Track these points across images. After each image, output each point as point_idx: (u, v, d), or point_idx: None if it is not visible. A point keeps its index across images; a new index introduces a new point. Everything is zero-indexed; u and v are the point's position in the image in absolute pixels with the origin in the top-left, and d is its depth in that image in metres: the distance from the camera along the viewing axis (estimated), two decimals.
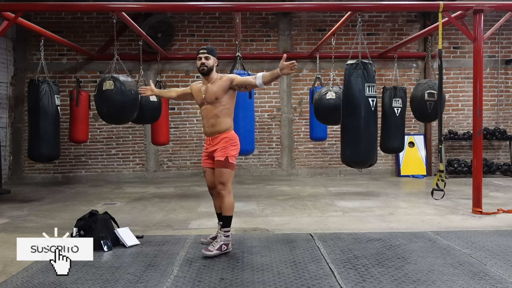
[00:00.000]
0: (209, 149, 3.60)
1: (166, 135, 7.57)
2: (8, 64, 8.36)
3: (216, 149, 3.53)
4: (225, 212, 3.50)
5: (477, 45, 5.26)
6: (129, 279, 2.97)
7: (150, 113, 6.51)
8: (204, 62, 3.50)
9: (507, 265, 3.19)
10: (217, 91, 3.49)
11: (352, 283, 2.85)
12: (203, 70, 3.52)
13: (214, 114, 3.51)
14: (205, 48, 3.53)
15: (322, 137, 7.60)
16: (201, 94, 3.59)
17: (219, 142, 3.53)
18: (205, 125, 3.59)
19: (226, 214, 3.51)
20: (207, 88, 3.54)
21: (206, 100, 3.55)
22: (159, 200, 6.28)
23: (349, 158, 5.18)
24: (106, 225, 3.82)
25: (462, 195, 6.36)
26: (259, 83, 3.50)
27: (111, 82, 5.29)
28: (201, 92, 3.59)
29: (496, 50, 8.93)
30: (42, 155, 6.11)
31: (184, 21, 8.74)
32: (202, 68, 3.51)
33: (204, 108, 3.59)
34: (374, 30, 8.85)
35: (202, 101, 3.59)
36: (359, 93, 4.95)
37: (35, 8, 6.60)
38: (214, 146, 3.55)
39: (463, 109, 8.95)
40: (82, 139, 7.23)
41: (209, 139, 3.59)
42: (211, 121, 3.53)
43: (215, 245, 3.46)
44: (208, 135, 3.59)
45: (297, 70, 8.79)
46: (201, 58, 3.50)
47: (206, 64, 3.50)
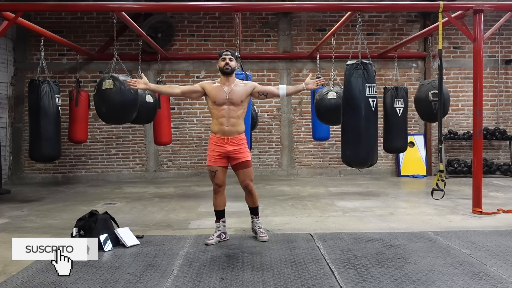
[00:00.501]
0: (227, 148, 3.72)
1: (168, 135, 7.58)
2: (8, 64, 8.36)
3: (237, 150, 3.75)
4: (256, 203, 3.95)
5: (477, 45, 5.26)
6: (129, 279, 2.97)
7: (146, 113, 6.53)
8: (228, 63, 3.71)
9: (507, 265, 3.19)
10: (242, 95, 3.75)
11: (352, 283, 2.85)
12: (227, 70, 3.72)
13: (236, 115, 3.74)
14: (229, 51, 3.79)
15: (325, 137, 7.59)
16: (223, 94, 3.71)
17: (240, 143, 3.77)
18: (224, 124, 3.70)
19: (257, 204, 3.97)
20: (231, 90, 3.72)
21: (229, 101, 3.71)
22: (159, 200, 6.28)
23: (349, 158, 5.18)
24: (106, 225, 3.81)
25: (462, 195, 6.36)
26: (282, 93, 3.86)
27: (110, 82, 5.28)
28: (223, 92, 3.71)
29: (496, 50, 8.93)
30: (43, 155, 6.11)
31: (184, 21, 8.74)
32: (226, 68, 3.71)
33: (224, 108, 3.71)
34: (374, 30, 8.85)
35: (224, 101, 3.71)
36: (359, 93, 4.95)
37: (35, 8, 6.60)
38: (234, 146, 3.74)
39: (463, 109, 8.95)
40: (81, 139, 7.22)
41: (227, 138, 3.72)
42: (232, 121, 3.71)
43: (263, 230, 3.97)
44: (226, 134, 3.72)
45: (297, 70, 8.83)
46: (225, 59, 3.72)
47: (230, 65, 3.72)
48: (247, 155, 3.80)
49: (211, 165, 3.80)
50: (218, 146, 3.76)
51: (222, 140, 3.73)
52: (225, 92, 3.71)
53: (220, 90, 3.73)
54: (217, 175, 3.78)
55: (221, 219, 3.94)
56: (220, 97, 3.70)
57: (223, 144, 3.73)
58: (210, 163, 3.80)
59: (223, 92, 3.71)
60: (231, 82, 3.76)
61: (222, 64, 3.72)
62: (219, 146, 3.75)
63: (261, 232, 3.93)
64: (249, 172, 3.80)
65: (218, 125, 3.74)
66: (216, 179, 3.80)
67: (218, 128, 3.74)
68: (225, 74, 3.73)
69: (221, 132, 3.73)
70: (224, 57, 3.74)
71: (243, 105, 3.78)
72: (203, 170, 8.76)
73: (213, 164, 3.78)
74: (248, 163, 3.78)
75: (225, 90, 3.72)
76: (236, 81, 3.81)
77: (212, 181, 3.85)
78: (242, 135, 3.80)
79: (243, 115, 3.80)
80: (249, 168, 3.80)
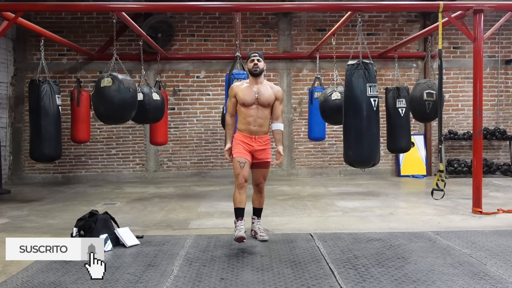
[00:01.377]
0: (255, 147, 3.78)
1: (164, 135, 7.55)
2: (8, 64, 8.36)
3: (263, 149, 3.83)
4: (262, 204, 4.05)
5: (477, 45, 5.26)
6: (129, 279, 2.97)
7: (154, 112, 6.47)
8: (256, 63, 3.78)
9: (507, 265, 3.19)
10: (270, 96, 3.82)
11: (352, 283, 2.85)
12: (255, 71, 3.78)
13: (265, 116, 3.82)
14: (257, 52, 3.87)
15: (320, 137, 7.58)
16: (253, 94, 3.77)
17: (266, 143, 3.86)
18: (252, 123, 3.76)
19: (262, 206, 4.06)
20: (260, 90, 3.79)
21: (259, 101, 3.77)
22: (159, 200, 6.28)
23: (352, 158, 5.17)
24: (106, 225, 3.81)
25: (462, 195, 6.36)
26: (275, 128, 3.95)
27: (109, 79, 5.23)
28: (253, 92, 3.77)
29: (496, 50, 8.93)
30: (44, 155, 6.11)
31: (184, 21, 8.74)
32: (255, 69, 3.78)
33: (253, 107, 3.77)
34: (374, 30, 8.85)
35: (254, 101, 3.77)
36: (361, 93, 4.94)
37: (35, 8, 6.61)
38: (261, 145, 3.81)
39: (463, 109, 8.95)
40: (83, 139, 7.22)
41: (254, 138, 3.78)
42: (260, 121, 3.79)
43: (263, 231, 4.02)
44: (253, 133, 3.77)
45: (297, 70, 8.83)
46: (253, 60, 3.79)
47: (259, 66, 3.79)
48: (270, 157, 3.91)
49: (240, 156, 3.73)
50: (245, 143, 3.78)
51: (249, 139, 3.78)
52: (254, 92, 3.78)
53: (249, 91, 3.79)
54: (245, 167, 3.71)
55: (243, 218, 3.70)
56: (249, 97, 3.76)
57: (250, 142, 3.78)
58: (239, 154, 3.74)
59: (252, 92, 3.78)
60: (259, 83, 3.83)
61: (251, 65, 3.80)
62: (246, 144, 3.78)
63: (261, 232, 3.97)
64: (266, 172, 3.93)
65: (245, 124, 3.79)
66: (244, 170, 3.69)
67: (245, 127, 3.79)
68: (254, 75, 3.81)
69: (248, 131, 3.78)
70: (252, 59, 3.81)
71: (270, 107, 3.85)
72: (203, 170, 8.76)
73: (242, 155, 3.73)
74: (269, 164, 3.90)
75: (254, 90, 3.79)
76: (264, 82, 3.88)
77: (237, 174, 3.69)
78: (268, 135, 3.89)
79: (269, 116, 3.88)
80: (268, 169, 3.92)
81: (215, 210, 5.44)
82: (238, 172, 3.71)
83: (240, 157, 3.73)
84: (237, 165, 3.72)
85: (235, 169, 3.74)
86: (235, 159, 3.74)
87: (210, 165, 8.76)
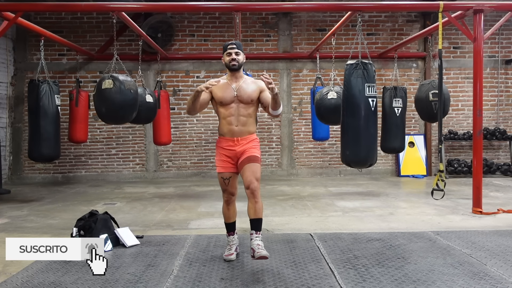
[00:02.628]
0: (237, 149, 3.30)
1: (168, 135, 7.56)
2: (8, 64, 8.36)
3: (246, 149, 3.30)
4: (260, 213, 3.23)
5: (477, 45, 5.26)
6: (129, 279, 2.97)
7: (146, 113, 6.51)
8: (235, 58, 3.31)
9: (507, 265, 3.19)
10: (251, 93, 3.33)
11: (352, 283, 2.85)
12: (234, 66, 3.31)
13: (247, 113, 3.34)
14: (234, 43, 3.36)
15: (325, 137, 7.57)
16: (231, 92, 3.31)
17: (250, 142, 3.34)
18: (233, 123, 3.30)
19: (261, 216, 3.24)
20: (239, 86, 3.33)
21: (239, 98, 3.31)
22: (159, 200, 6.28)
23: (349, 158, 5.18)
24: (106, 225, 3.82)
25: (462, 195, 6.36)
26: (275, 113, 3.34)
27: (110, 81, 5.25)
28: (231, 90, 3.32)
29: (496, 50, 8.92)
30: (43, 155, 6.11)
31: (184, 21, 8.74)
32: (233, 64, 3.31)
33: (232, 106, 3.31)
34: (374, 30, 8.85)
35: (233, 99, 3.31)
36: (359, 93, 4.95)
37: (35, 8, 6.60)
38: (244, 145, 3.31)
39: (463, 109, 8.95)
40: (81, 139, 7.22)
41: (237, 140, 3.30)
42: (243, 120, 3.32)
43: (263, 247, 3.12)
44: (236, 135, 3.31)
45: (297, 70, 8.82)
46: (231, 53, 3.31)
47: (237, 60, 3.32)
48: (257, 152, 3.34)
49: (223, 171, 3.34)
50: (226, 150, 3.33)
51: (231, 142, 3.31)
52: (233, 89, 3.31)
53: (227, 88, 3.33)
54: (231, 183, 3.36)
55: (235, 231, 3.50)
56: (227, 95, 3.31)
57: (232, 147, 3.31)
58: (222, 170, 3.35)
59: (230, 89, 3.32)
60: (239, 79, 3.36)
61: (228, 59, 3.32)
62: (227, 150, 3.32)
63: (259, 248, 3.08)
64: (256, 169, 3.25)
65: (226, 125, 3.32)
66: (229, 186, 3.36)
67: (227, 129, 3.32)
68: (231, 70, 3.33)
69: (230, 133, 3.31)
70: (229, 52, 3.32)
71: (254, 103, 3.36)
72: (203, 170, 8.76)
73: (225, 170, 3.34)
74: (257, 159, 3.30)
75: (233, 88, 3.32)
76: (244, 77, 3.42)
77: (223, 190, 3.40)
78: (254, 135, 3.39)
79: (254, 113, 3.39)
80: (256, 164, 3.27)
81: (215, 210, 5.43)
82: (223, 188, 3.39)
83: (222, 173, 3.35)
84: (221, 181, 3.37)
85: (220, 185, 3.41)
86: (219, 175, 3.39)
87: (210, 165, 8.76)
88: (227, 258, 3.38)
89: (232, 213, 3.46)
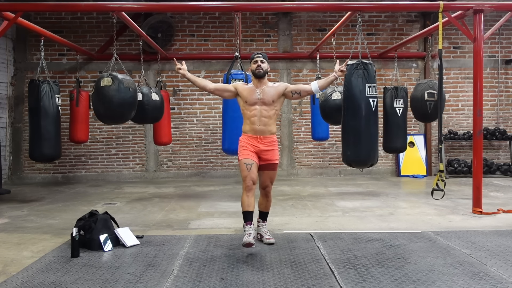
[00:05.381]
0: (260, 148, 3.71)
1: (168, 135, 7.56)
2: (8, 64, 8.36)
3: (270, 150, 3.75)
4: (269, 208, 3.96)
5: (477, 45, 5.26)
6: (129, 279, 2.97)
7: (153, 112, 6.47)
8: (260, 65, 3.77)
9: (507, 265, 3.19)
10: (274, 95, 3.78)
11: (352, 283, 2.85)
12: (259, 73, 3.77)
13: (268, 115, 3.75)
14: (260, 54, 3.86)
15: (324, 137, 7.58)
16: (255, 95, 3.75)
17: (272, 144, 3.78)
18: (256, 122, 3.71)
19: (269, 210, 3.98)
20: (263, 90, 3.77)
21: (262, 101, 3.74)
22: (159, 200, 6.28)
23: (350, 158, 5.17)
24: (106, 225, 3.81)
25: (462, 195, 6.36)
26: (315, 89, 3.90)
27: (109, 79, 5.21)
28: (255, 93, 3.76)
29: (496, 50, 8.93)
30: (43, 155, 6.10)
31: (184, 21, 8.74)
32: (258, 70, 3.77)
33: (256, 107, 3.73)
34: (374, 30, 8.85)
35: (256, 101, 3.74)
36: (360, 93, 4.94)
37: (35, 8, 6.60)
38: (267, 146, 3.74)
39: (463, 109, 8.95)
40: (82, 139, 7.22)
41: (259, 138, 3.72)
42: (264, 120, 3.72)
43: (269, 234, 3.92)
44: (258, 133, 3.72)
45: (297, 70, 8.83)
46: (257, 61, 3.78)
47: (262, 67, 3.78)
48: (277, 158, 3.83)
49: (246, 157, 3.67)
50: (250, 144, 3.72)
51: (255, 139, 3.72)
52: (257, 93, 3.76)
53: (253, 91, 3.77)
54: (252, 169, 3.64)
55: (252, 222, 3.62)
56: (251, 97, 3.75)
57: (255, 143, 3.72)
58: (246, 156, 3.68)
59: (255, 93, 3.76)
60: (263, 84, 3.81)
61: (254, 66, 3.79)
62: (251, 145, 3.72)
63: (267, 235, 3.88)
64: (274, 174, 3.84)
65: (249, 124, 3.75)
66: (251, 172, 3.62)
67: (250, 128, 3.74)
68: (257, 76, 3.79)
69: (252, 131, 3.73)
70: (256, 60, 3.80)
71: (275, 106, 3.79)
72: (203, 170, 8.76)
73: (249, 157, 3.67)
74: (276, 166, 3.82)
75: (257, 91, 3.76)
76: (268, 83, 3.85)
77: (245, 177, 3.62)
78: (274, 136, 3.82)
79: (275, 116, 3.81)
80: (275, 171, 3.83)
81: (215, 210, 5.44)
82: (245, 174, 3.63)
83: (246, 159, 3.67)
84: (243, 167, 3.65)
85: (242, 172, 3.67)
86: (241, 161, 3.69)
87: (210, 165, 8.77)
88: (246, 242, 3.43)
89: (251, 201, 3.64)
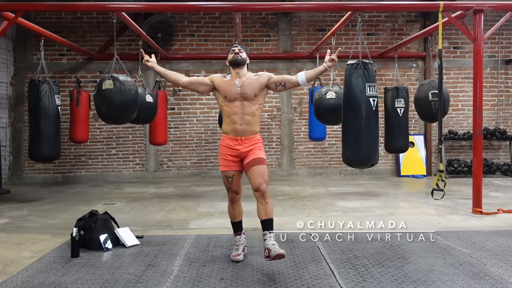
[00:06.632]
0: (241, 150, 3.30)
1: (164, 135, 7.53)
2: (8, 64, 8.36)
3: (252, 149, 3.31)
4: (270, 213, 3.22)
5: (477, 45, 5.26)
6: (129, 279, 2.97)
7: (146, 113, 6.49)
8: (238, 53, 3.35)
9: (507, 265, 3.19)
10: (256, 88, 3.34)
11: (352, 283, 2.85)
12: (236, 60, 3.33)
13: (251, 112, 3.32)
14: (237, 44, 3.48)
15: (321, 137, 7.58)
16: (235, 88, 3.31)
17: (256, 143, 3.34)
18: (237, 122, 3.29)
19: (272, 216, 3.23)
20: (243, 83, 3.32)
21: (242, 96, 3.30)
22: (159, 200, 6.28)
23: (350, 158, 5.17)
24: (106, 225, 3.82)
25: (462, 195, 6.36)
26: (302, 80, 3.40)
27: (110, 82, 5.26)
28: (234, 86, 3.31)
29: (496, 50, 8.92)
30: (43, 155, 6.10)
31: (184, 21, 8.74)
32: (236, 58, 3.34)
33: (236, 104, 3.31)
34: (374, 30, 8.85)
35: (236, 96, 3.30)
36: (360, 93, 4.94)
37: (35, 8, 6.60)
38: (249, 146, 3.31)
39: (463, 109, 8.95)
40: (82, 139, 7.21)
41: (241, 139, 3.30)
42: (247, 119, 3.30)
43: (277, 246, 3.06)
44: (240, 134, 3.30)
45: (297, 70, 8.80)
46: (234, 50, 3.37)
47: (240, 55, 3.35)
48: (261, 153, 3.33)
49: (226, 170, 3.34)
50: (230, 149, 3.32)
51: (235, 141, 3.30)
52: (236, 85, 3.31)
53: (231, 84, 3.33)
54: (234, 181, 3.35)
55: (242, 231, 3.50)
56: (230, 92, 3.31)
57: (236, 146, 3.30)
58: (225, 168, 3.35)
59: (234, 86, 3.31)
60: (243, 75, 3.35)
61: (231, 55, 3.36)
62: (231, 149, 3.31)
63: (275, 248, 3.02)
64: (264, 170, 3.26)
65: (230, 123, 3.31)
66: (233, 185, 3.36)
67: (231, 128, 3.31)
68: (235, 65, 3.34)
69: (233, 131, 3.30)
70: (233, 49, 3.39)
71: (258, 100, 3.35)
72: (203, 170, 8.76)
73: (229, 168, 3.34)
74: (263, 160, 3.30)
75: (236, 83, 3.31)
76: (248, 73, 3.40)
77: (228, 188, 3.40)
78: (258, 135, 3.38)
79: (258, 111, 3.37)
80: (263, 165, 3.27)
81: (215, 210, 5.43)
82: (227, 186, 3.40)
83: (226, 171, 3.35)
84: (225, 180, 3.38)
85: (224, 184, 3.42)
86: (222, 174, 3.39)
87: (210, 165, 8.76)
88: (234, 259, 3.35)
89: (237, 212, 3.46)
